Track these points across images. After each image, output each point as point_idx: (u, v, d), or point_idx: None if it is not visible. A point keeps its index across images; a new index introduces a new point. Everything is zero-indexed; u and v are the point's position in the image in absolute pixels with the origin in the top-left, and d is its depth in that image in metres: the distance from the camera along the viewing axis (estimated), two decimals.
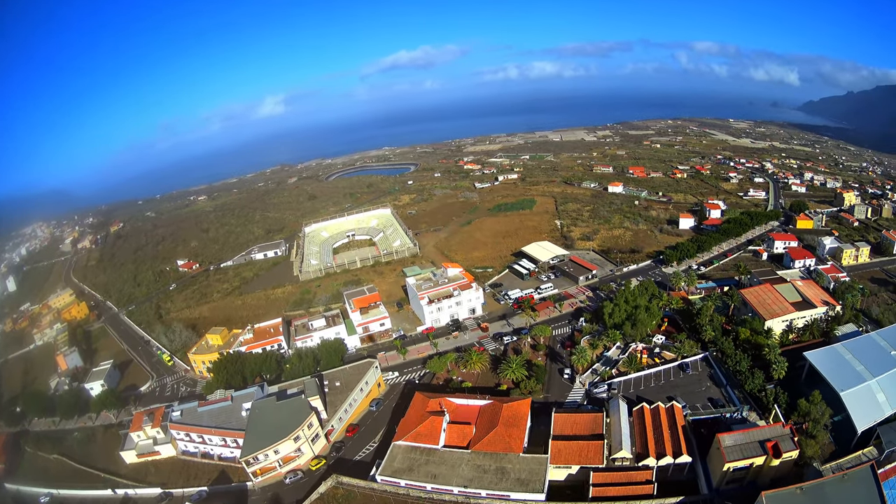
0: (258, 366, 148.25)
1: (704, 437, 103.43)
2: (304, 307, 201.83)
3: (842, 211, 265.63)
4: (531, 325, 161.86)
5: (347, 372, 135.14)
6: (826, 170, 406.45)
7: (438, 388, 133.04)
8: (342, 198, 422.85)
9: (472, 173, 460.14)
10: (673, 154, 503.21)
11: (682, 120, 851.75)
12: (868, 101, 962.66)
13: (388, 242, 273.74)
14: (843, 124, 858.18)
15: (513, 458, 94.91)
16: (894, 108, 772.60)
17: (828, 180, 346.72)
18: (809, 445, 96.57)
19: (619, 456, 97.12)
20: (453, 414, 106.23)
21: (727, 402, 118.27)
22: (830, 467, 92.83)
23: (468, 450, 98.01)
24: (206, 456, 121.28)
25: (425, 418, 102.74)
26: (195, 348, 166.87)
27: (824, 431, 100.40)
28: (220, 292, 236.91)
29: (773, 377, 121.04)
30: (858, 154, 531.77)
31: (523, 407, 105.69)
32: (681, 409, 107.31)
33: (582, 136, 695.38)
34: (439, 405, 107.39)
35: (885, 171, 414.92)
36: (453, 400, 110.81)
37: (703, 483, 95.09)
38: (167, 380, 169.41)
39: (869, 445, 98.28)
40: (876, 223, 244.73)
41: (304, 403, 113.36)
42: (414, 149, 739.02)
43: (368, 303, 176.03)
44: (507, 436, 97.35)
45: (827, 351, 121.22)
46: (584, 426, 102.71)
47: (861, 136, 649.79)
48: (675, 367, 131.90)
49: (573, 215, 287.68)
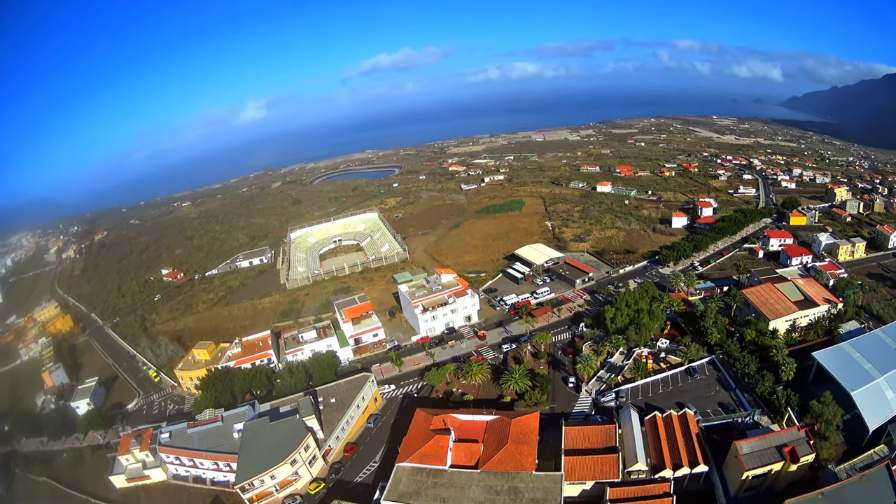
0: (248, 382, 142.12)
1: (718, 444, 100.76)
2: (292, 318, 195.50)
3: (834, 206, 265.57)
4: (530, 331, 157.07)
5: (342, 387, 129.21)
6: (813, 165, 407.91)
7: (438, 402, 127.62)
8: (327, 202, 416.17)
9: (457, 175, 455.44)
10: (658, 152, 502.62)
11: (665, 118, 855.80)
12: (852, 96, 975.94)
13: (375, 247, 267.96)
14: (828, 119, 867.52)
15: (525, 476, 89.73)
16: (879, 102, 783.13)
17: (817, 176, 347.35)
18: (824, 447, 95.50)
19: (634, 469, 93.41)
20: (458, 431, 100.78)
21: (737, 406, 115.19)
22: (844, 468, 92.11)
23: (477, 470, 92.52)
24: (197, 480, 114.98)
25: (430, 437, 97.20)
26: (182, 364, 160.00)
27: (836, 432, 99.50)
28: (206, 303, 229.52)
29: (781, 379, 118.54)
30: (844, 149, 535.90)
31: (532, 421, 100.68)
32: (693, 417, 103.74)
33: (565, 136, 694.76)
34: (443, 422, 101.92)
35: (872, 165, 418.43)
36: (457, 416, 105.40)
37: (721, 492, 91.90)
38: (154, 397, 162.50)
39: (880, 444, 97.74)
40: (868, 218, 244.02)
41: (300, 424, 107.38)
42: (397, 151, 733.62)
43: (360, 313, 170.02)
44: (518, 453, 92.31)
45: (835, 350, 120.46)
46: (596, 439, 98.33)
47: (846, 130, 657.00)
48: (683, 371, 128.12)
49: (563, 216, 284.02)
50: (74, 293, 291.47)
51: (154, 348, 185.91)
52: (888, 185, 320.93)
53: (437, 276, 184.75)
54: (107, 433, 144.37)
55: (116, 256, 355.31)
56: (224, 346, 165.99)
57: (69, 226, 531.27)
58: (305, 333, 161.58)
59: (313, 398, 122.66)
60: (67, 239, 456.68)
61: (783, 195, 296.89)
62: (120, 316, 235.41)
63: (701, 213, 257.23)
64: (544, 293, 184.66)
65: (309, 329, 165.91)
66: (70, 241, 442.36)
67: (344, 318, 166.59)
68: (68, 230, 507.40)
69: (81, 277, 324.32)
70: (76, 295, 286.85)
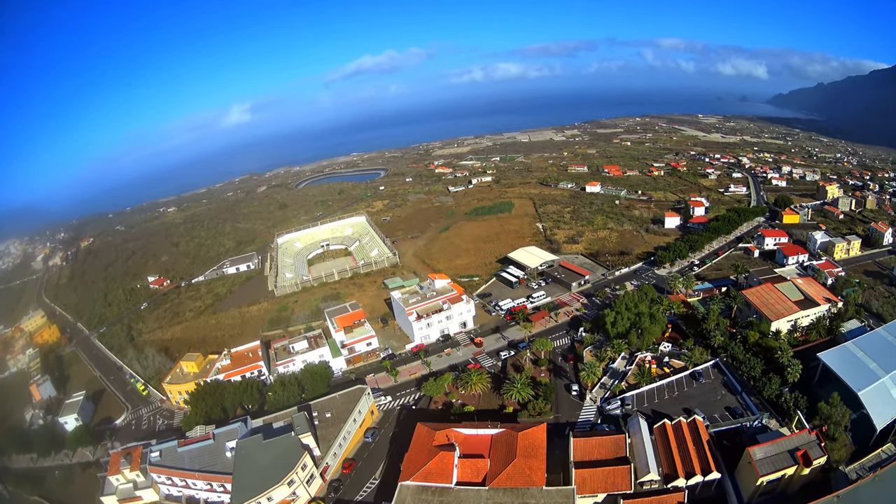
0: (238, 396, 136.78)
1: (728, 450, 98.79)
2: (282, 326, 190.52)
3: (826, 204, 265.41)
4: (529, 337, 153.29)
5: (337, 401, 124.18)
6: (801, 162, 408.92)
7: (438, 414, 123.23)
8: (314, 206, 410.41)
9: (444, 177, 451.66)
10: (644, 151, 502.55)
11: (650, 117, 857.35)
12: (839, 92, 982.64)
13: (364, 252, 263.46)
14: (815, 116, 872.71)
15: (536, 492, 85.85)
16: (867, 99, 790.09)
17: (807, 173, 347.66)
18: (835, 449, 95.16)
19: (646, 479, 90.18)
20: (463, 446, 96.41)
21: (745, 410, 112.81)
22: (855, 468, 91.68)
23: (485, 487, 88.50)
24: (191, 500, 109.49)
25: (433, 454, 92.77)
26: (170, 377, 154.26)
27: (845, 433, 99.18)
28: (193, 311, 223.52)
29: (787, 381, 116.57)
30: (832, 145, 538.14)
31: (539, 434, 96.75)
32: (702, 423, 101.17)
33: (550, 136, 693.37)
34: (446, 437, 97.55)
35: (860, 162, 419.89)
36: (460, 430, 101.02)
37: (734, 499, 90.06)
38: (143, 411, 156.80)
39: (887, 442, 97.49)
40: (861, 215, 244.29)
41: (295, 442, 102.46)
42: (382, 154, 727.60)
43: (352, 321, 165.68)
44: (527, 468, 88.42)
45: (839, 350, 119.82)
46: (606, 450, 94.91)
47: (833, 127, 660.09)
48: (688, 376, 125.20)
49: (554, 217, 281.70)
50: (61, 302, 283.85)
51: (141, 359, 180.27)
52: (878, 181, 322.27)
53: (431, 281, 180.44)
54: (96, 450, 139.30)
55: (102, 264, 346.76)
56: (213, 358, 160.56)
57: (56, 232, 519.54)
58: (296, 343, 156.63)
59: (308, 413, 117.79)
60: (54, 246, 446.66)
61: (774, 193, 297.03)
62: (106, 325, 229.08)
63: (693, 213, 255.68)
64: (540, 297, 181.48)
65: (300, 339, 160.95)
66: (56, 249, 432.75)
67: (336, 326, 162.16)
68: (55, 237, 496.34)
69: (68, 286, 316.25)
70: (62, 304, 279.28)
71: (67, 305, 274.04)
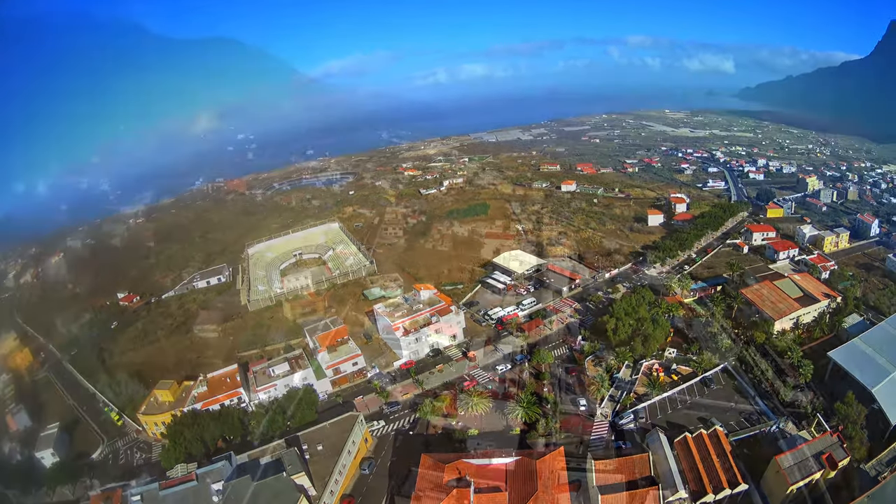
0: (219, 427, 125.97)
1: (750, 459, 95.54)
2: (258, 346, 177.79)
3: (808, 196, 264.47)
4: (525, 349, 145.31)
5: (328, 430, 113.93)
6: (775, 154, 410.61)
7: (438, 439, 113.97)
8: (284, 213, 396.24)
9: (414, 179, 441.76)
10: (614, 148, 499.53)
11: (616, 114, 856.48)
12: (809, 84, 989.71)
13: (339, 261, 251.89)
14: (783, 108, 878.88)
15: None
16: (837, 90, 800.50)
17: (783, 165, 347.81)
18: (856, 449, 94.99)
19: (675, 499, 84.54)
20: (476, 479, 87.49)
21: (760, 415, 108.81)
22: (873, 465, 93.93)
23: None
24: None
25: (445, 491, 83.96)
26: (144, 406, 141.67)
27: (861, 431, 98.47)
28: (165, 329, 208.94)
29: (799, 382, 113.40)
30: (803, 136, 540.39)
31: (559, 460, 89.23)
32: (723, 433, 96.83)
33: (518, 135, 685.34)
34: (457, 470, 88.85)
35: (833, 152, 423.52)
36: (471, 461, 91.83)
37: None
38: (119, 444, 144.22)
39: None
40: (843, 206, 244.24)
41: (289, 484, 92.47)
42: (349, 158, 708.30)
43: (335, 339, 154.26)
44: (552, 501, 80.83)
45: (848, 347, 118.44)
46: (629, 471, 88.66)
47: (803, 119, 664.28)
48: (698, 383, 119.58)
49: (533, 218, 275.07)
50: (32, 322, 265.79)
51: (114, 386, 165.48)
52: (856, 171, 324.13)
53: (416, 292, 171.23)
54: (75, 488, 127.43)
55: (72, 280, 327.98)
56: (188, 385, 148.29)
57: (28, 248, 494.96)
58: (277, 367, 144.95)
59: (298, 448, 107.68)
60: (25, 262, 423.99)
61: (754, 187, 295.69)
62: (77, 348, 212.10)
63: (675, 210, 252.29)
64: (531, 304, 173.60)
65: (280, 360, 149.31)
66: (28, 265, 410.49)
67: (318, 346, 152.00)
68: (27, 252, 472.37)
69: (39, 305, 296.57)
70: (34, 324, 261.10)
71: (39, 326, 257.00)
